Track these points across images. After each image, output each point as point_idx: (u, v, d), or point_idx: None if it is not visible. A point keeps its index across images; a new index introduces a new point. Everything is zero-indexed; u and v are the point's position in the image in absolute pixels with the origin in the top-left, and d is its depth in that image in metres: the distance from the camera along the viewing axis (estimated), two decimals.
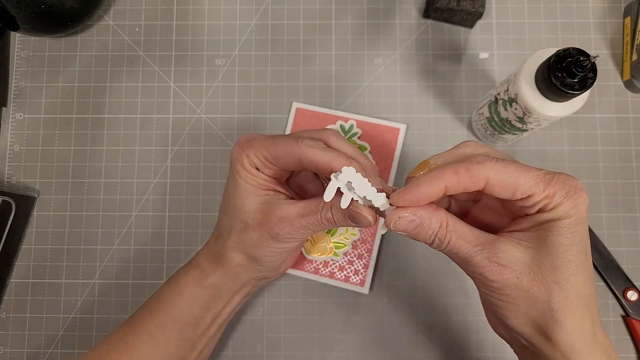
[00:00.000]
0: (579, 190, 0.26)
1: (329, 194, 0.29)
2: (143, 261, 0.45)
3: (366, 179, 0.29)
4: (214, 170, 0.46)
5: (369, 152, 0.46)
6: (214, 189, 0.46)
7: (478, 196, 0.32)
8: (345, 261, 0.44)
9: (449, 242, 0.27)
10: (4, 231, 0.44)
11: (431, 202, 0.28)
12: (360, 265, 0.44)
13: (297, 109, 0.47)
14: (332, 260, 0.45)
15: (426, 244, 0.28)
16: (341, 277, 0.44)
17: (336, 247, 0.44)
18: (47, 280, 0.45)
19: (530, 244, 0.27)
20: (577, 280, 0.26)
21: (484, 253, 0.26)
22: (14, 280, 0.45)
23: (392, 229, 0.28)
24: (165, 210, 0.46)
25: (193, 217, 0.46)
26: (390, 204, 0.28)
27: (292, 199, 0.35)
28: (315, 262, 0.45)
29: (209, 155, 0.47)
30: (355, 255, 0.45)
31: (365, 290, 0.44)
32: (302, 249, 0.45)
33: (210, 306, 0.36)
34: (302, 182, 0.38)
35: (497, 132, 0.42)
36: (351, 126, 0.46)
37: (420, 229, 0.27)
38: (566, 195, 0.26)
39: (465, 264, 0.28)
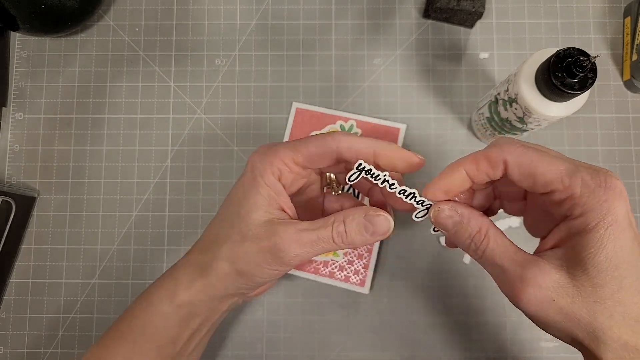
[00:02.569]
0: (609, 189, 0.23)
1: (352, 176, 0.29)
2: (143, 261, 0.45)
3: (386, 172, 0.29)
4: (214, 170, 0.46)
5: None
6: (214, 189, 0.46)
7: (524, 203, 0.30)
8: (345, 261, 0.44)
9: (484, 250, 0.26)
10: (4, 231, 0.44)
11: (474, 207, 0.27)
12: (360, 265, 0.44)
13: (297, 109, 0.47)
14: (332, 260, 0.45)
15: (463, 250, 0.27)
16: (341, 277, 0.44)
17: None
18: (47, 280, 0.45)
19: (566, 263, 0.24)
20: (622, 296, 0.23)
21: (518, 271, 0.25)
22: (14, 280, 0.45)
23: (432, 220, 0.28)
24: (165, 210, 0.46)
25: (193, 217, 0.46)
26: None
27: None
28: (315, 262, 0.45)
29: (209, 155, 0.47)
30: (355, 255, 0.45)
31: (365, 290, 0.44)
32: None
33: (187, 324, 0.33)
34: (309, 196, 0.36)
35: (497, 132, 0.42)
36: (351, 126, 0.46)
37: (459, 229, 0.27)
38: (592, 196, 0.23)
39: (498, 279, 0.26)
